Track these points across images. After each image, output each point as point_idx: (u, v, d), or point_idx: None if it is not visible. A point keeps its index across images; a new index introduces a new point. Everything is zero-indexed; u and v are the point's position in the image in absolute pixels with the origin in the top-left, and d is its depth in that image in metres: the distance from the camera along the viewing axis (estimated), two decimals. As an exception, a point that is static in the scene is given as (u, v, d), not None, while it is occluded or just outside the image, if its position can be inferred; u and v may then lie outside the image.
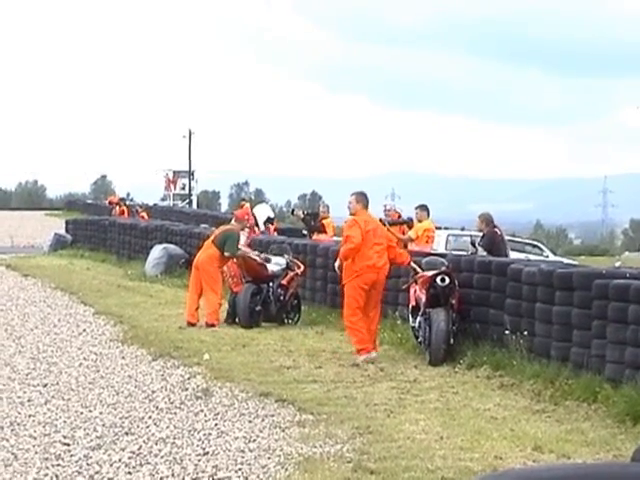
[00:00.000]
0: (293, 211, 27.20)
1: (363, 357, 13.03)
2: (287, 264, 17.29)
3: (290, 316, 17.24)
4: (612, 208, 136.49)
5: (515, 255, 21.38)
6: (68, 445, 8.87)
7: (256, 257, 17.15)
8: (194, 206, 66.95)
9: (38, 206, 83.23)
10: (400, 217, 20.56)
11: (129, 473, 8.04)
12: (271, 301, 16.96)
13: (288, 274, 17.27)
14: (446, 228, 30.30)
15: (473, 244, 16.74)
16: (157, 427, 9.57)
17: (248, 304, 16.58)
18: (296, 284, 17.48)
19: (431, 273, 13.43)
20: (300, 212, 24.52)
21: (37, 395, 11.11)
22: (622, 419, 9.61)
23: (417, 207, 19.40)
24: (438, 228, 25.48)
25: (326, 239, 21.37)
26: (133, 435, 9.25)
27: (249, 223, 19.32)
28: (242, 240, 17.80)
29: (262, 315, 16.85)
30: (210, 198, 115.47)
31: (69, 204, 71.36)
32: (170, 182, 70.24)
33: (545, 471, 3.51)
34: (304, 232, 24.46)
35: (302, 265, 17.58)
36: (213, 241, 17.37)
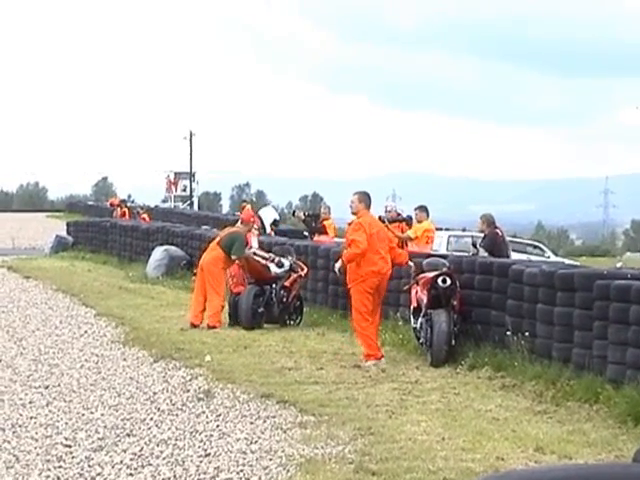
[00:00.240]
0: (294, 212, 27.17)
1: (370, 362, 12.94)
2: (290, 266, 17.28)
3: (292, 318, 17.23)
4: (613, 209, 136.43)
5: (516, 256, 21.38)
6: (70, 447, 8.88)
7: (266, 258, 17.12)
8: (195, 208, 66.87)
9: (39, 208, 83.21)
10: (400, 215, 20.54)
11: (131, 475, 8.04)
12: (274, 303, 16.94)
13: (291, 276, 17.26)
14: (447, 229, 30.29)
15: (474, 245, 16.74)
16: (159, 429, 9.57)
17: (251, 305, 16.58)
18: (299, 286, 17.48)
19: (432, 274, 13.41)
20: (301, 213, 24.51)
21: (39, 397, 11.11)
22: (624, 420, 9.61)
23: (416, 208, 19.41)
24: (439, 229, 25.49)
25: (327, 240, 21.38)
26: (135, 437, 9.25)
27: (257, 225, 19.30)
28: (254, 242, 17.79)
29: (265, 317, 16.85)
30: (211, 200, 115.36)
31: (70, 206, 71.32)
32: (171, 184, 70.19)
33: (547, 472, 3.50)
34: (305, 233, 24.43)
35: (305, 267, 17.57)
36: (219, 243, 17.35)
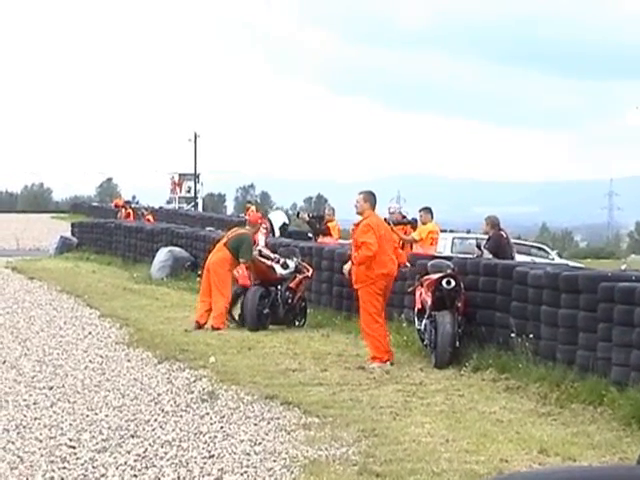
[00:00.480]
0: (299, 214, 27.15)
1: (376, 364, 12.91)
2: (296, 267, 17.28)
3: (298, 319, 17.23)
4: (618, 211, 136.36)
5: (521, 258, 21.38)
6: (74, 448, 8.87)
7: (272, 258, 17.11)
8: (199, 209, 66.95)
9: (44, 209, 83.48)
10: (405, 218, 20.56)
11: (135, 476, 8.04)
12: (279, 304, 16.93)
13: (296, 277, 17.26)
14: (451, 231, 30.30)
15: (479, 247, 16.74)
16: (163, 430, 9.57)
17: (256, 307, 16.58)
18: (304, 287, 17.48)
19: (437, 276, 13.40)
20: (305, 215, 24.49)
21: (43, 398, 11.11)
22: (628, 422, 9.60)
23: (421, 209, 19.43)
24: (443, 231, 25.51)
25: (331, 242, 21.38)
26: (139, 438, 9.25)
27: (265, 225, 19.29)
28: (262, 240, 17.77)
29: (270, 318, 16.84)
30: (216, 201, 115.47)
31: (75, 207, 71.45)
32: (176, 185, 70.30)
33: (551, 474, 3.50)
34: (309, 235, 24.43)
35: (310, 268, 17.57)
36: (225, 244, 17.33)
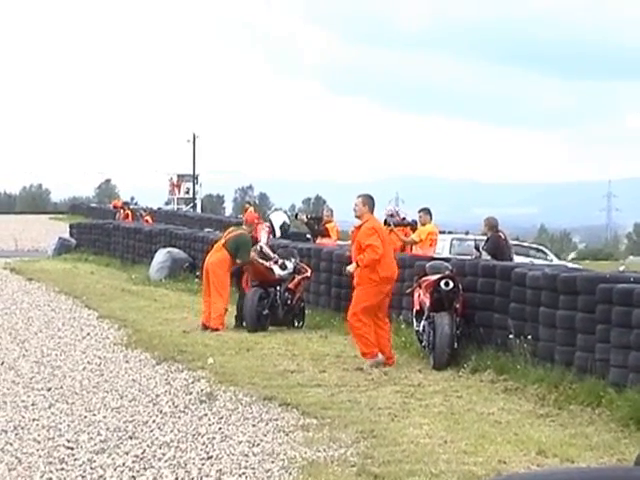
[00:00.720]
0: (297, 215, 27.13)
1: (370, 362, 12.96)
2: (294, 268, 17.27)
3: (297, 320, 17.23)
4: (616, 212, 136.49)
5: (519, 259, 21.37)
6: (72, 449, 8.88)
7: (271, 258, 17.10)
8: (198, 210, 66.92)
9: (42, 210, 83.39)
10: (404, 220, 20.57)
11: (133, 477, 8.04)
12: (278, 305, 16.94)
13: (295, 278, 17.26)
14: (450, 232, 30.24)
15: (477, 248, 16.73)
16: (161, 431, 9.57)
17: (255, 308, 16.58)
18: (303, 288, 17.48)
19: (435, 277, 13.41)
20: (304, 216, 24.48)
21: (41, 399, 11.12)
22: (626, 423, 9.60)
23: (420, 210, 19.40)
24: (442, 232, 25.47)
25: (330, 243, 21.38)
26: (137, 439, 9.25)
27: (266, 226, 19.26)
28: (264, 238, 17.72)
29: (269, 319, 16.84)
30: (214, 202, 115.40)
31: (73, 208, 71.42)
32: (174, 186, 70.22)
33: (549, 475, 3.51)
34: (308, 236, 24.42)
35: (309, 269, 17.57)
36: (224, 245, 17.32)
